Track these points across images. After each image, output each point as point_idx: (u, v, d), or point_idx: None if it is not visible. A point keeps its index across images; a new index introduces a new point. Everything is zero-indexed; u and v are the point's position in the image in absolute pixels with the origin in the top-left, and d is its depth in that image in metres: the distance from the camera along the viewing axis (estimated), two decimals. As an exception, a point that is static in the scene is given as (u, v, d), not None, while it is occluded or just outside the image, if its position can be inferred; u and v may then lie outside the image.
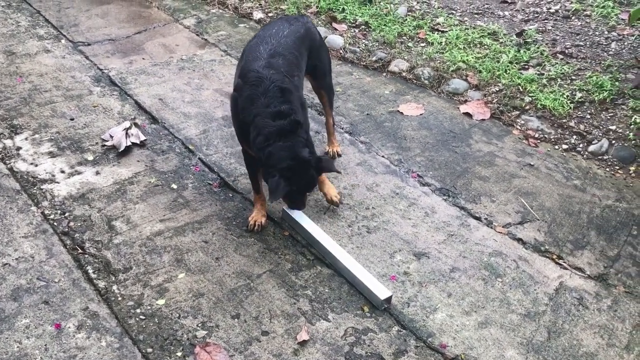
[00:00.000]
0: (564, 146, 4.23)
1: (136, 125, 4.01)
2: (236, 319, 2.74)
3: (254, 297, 2.87)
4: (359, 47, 5.35)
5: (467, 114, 4.54)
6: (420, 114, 4.50)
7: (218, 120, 4.23)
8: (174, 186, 3.57)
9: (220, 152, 3.91)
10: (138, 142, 3.88)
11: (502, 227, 3.46)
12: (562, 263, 3.23)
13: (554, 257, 3.27)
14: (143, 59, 5.05)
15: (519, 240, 3.37)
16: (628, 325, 2.89)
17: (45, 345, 2.54)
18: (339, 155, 3.90)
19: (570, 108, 4.47)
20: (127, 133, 3.87)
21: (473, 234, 3.39)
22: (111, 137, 3.88)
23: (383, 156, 4.00)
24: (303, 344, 2.64)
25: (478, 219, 3.51)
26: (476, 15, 5.88)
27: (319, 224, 3.32)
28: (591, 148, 4.19)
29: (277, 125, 2.91)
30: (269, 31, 3.34)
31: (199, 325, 2.69)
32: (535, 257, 3.25)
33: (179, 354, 2.56)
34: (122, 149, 3.79)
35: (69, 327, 2.63)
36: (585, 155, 4.15)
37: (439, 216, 3.49)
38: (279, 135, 2.91)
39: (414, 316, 2.84)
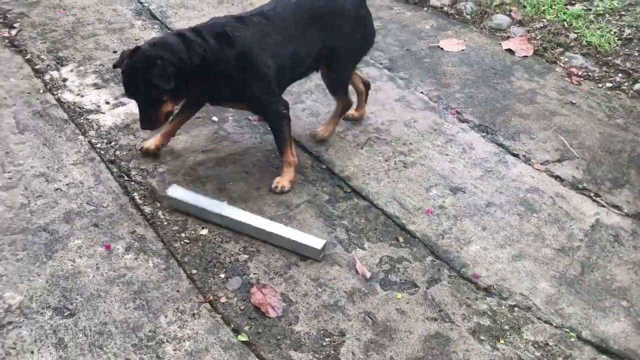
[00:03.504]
0: (608, 84, 4.14)
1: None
2: (276, 247, 2.85)
3: (293, 225, 2.96)
4: (399, -19, 5.24)
5: (509, 51, 4.45)
6: (461, 50, 4.44)
7: (257, 55, 4.24)
8: (215, 119, 3.63)
9: (260, 86, 3.94)
10: (179, 75, 3.93)
11: (541, 164, 3.45)
12: (600, 201, 3.23)
13: (592, 194, 3.26)
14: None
15: (557, 177, 3.36)
16: (663, 262, 2.90)
17: (97, 264, 2.70)
18: (322, 140, 3.49)
19: (617, 45, 4.34)
20: (168, 65, 3.92)
21: (510, 170, 3.39)
22: (153, 69, 3.94)
23: (422, 92, 3.98)
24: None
25: (516, 155, 3.50)
26: (523, -52, 5.65)
27: (355, 158, 3.37)
28: (637, 87, 4.08)
29: (168, 34, 2.99)
30: None
31: (241, 249, 2.81)
32: (572, 195, 3.26)
33: (222, 275, 2.69)
34: (164, 81, 3.84)
35: (118, 249, 2.78)
36: (630, 94, 4.06)
37: (477, 152, 3.50)
38: (160, 39, 2.95)
39: (448, 247, 2.90)
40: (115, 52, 4.18)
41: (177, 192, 2.97)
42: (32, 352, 2.32)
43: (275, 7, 3.08)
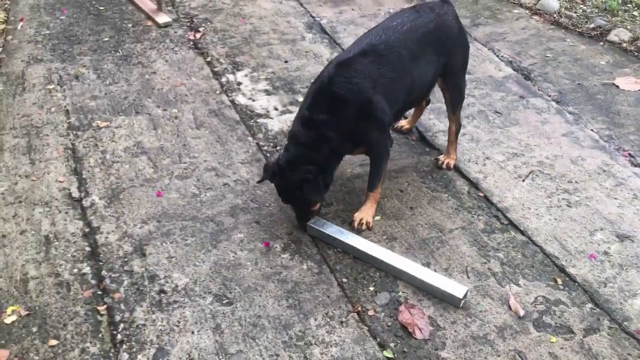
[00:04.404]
0: None
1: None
2: (426, 267, 2.83)
3: (445, 250, 2.93)
4: (575, 12, 5.04)
5: (695, 95, 4.11)
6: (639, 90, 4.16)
7: (420, 76, 4.27)
8: (374, 134, 3.70)
9: (420, 107, 3.96)
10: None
11: None
12: None
13: None
14: (352, 9, 5.21)
15: None
16: None
17: (256, 259, 2.85)
18: (449, 169, 3.43)
19: None
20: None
21: (688, 224, 3.12)
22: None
23: (592, 130, 3.78)
24: (490, 303, 2.67)
25: (695, 209, 3.21)
26: None
27: (515, 190, 3.28)
28: None
29: (301, 133, 2.82)
30: (390, 22, 3.02)
31: None
32: None
33: (371, 288, 2.72)
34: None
35: (276, 247, 2.92)
36: None
37: (650, 200, 3.26)
38: (297, 142, 2.83)
39: (610, 297, 2.72)
40: (286, 62, 4.41)
41: (318, 223, 2.98)
42: (193, 332, 2.50)
43: (388, 39, 2.91)
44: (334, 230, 2.95)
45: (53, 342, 2.44)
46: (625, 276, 2.83)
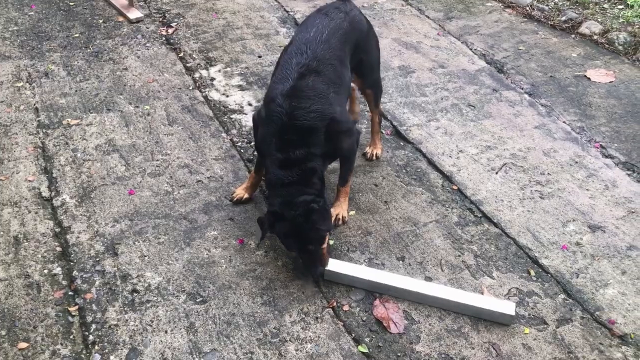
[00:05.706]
0: None
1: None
2: (401, 261, 2.84)
3: (419, 244, 2.94)
4: (547, 5, 5.07)
5: (664, 86, 4.16)
6: (610, 82, 4.21)
7: (394, 70, 4.27)
8: (349, 129, 3.69)
9: (395, 101, 3.96)
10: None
11: (693, 211, 3.19)
12: None
13: None
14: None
15: None
16: None
17: (230, 256, 2.83)
18: (377, 158, 3.45)
19: None
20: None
21: (657, 214, 3.17)
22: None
23: (564, 122, 3.82)
24: (465, 295, 2.68)
25: (665, 199, 3.26)
26: (688, -22, 5.27)
27: (489, 183, 3.30)
28: None
29: (283, 176, 2.68)
30: (306, 34, 2.90)
31: (366, 260, 2.83)
32: None
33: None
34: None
35: (250, 244, 2.90)
36: None
37: (621, 191, 3.30)
38: (282, 185, 2.69)
39: (582, 287, 2.75)
40: (260, 56, 4.38)
41: (335, 265, 2.73)
42: (166, 332, 2.47)
43: (315, 54, 2.80)
44: (356, 269, 2.72)
45: (23, 344, 2.40)
46: (597, 266, 2.86)
